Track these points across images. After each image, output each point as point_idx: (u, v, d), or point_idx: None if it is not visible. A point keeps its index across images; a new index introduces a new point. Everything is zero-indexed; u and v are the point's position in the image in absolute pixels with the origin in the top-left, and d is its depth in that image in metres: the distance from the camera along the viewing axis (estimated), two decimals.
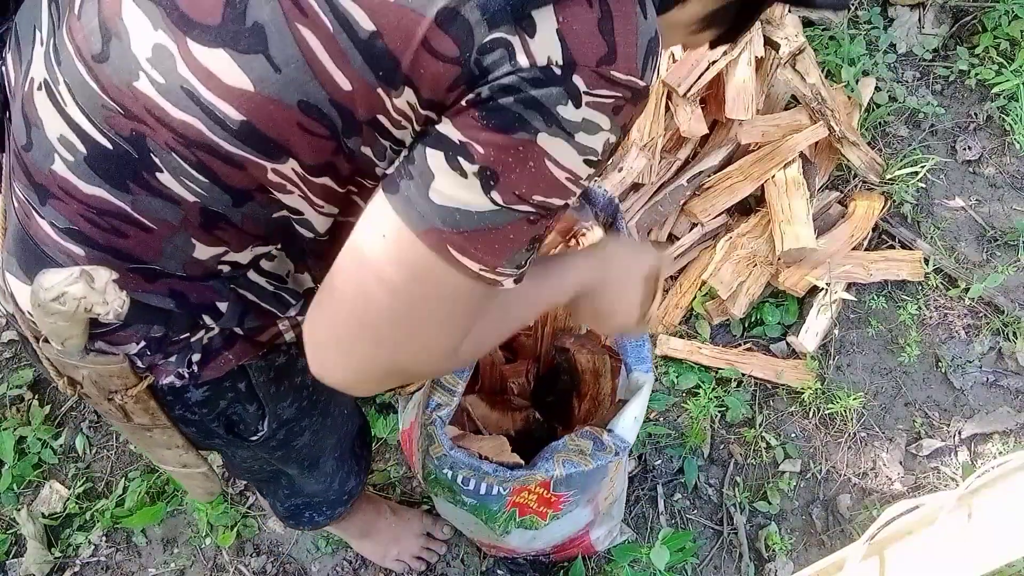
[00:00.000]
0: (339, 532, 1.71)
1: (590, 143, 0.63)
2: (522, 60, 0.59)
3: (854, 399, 1.92)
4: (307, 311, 0.72)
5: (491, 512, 1.37)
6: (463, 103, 0.61)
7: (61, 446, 1.87)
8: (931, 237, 2.15)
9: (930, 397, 1.98)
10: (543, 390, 1.51)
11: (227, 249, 0.76)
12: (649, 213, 1.96)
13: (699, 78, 1.89)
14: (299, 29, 0.62)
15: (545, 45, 0.59)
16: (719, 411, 1.91)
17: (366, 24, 0.61)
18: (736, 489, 1.84)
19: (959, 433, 1.93)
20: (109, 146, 0.70)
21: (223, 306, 0.81)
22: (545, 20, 0.59)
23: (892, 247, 2.13)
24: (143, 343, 0.82)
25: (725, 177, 2.00)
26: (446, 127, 0.62)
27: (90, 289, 0.71)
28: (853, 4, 2.48)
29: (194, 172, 0.69)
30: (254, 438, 0.97)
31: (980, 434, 1.93)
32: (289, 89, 0.64)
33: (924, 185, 2.22)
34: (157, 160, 0.69)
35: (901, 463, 1.89)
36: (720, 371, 1.94)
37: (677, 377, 1.93)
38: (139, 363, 0.83)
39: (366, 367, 0.70)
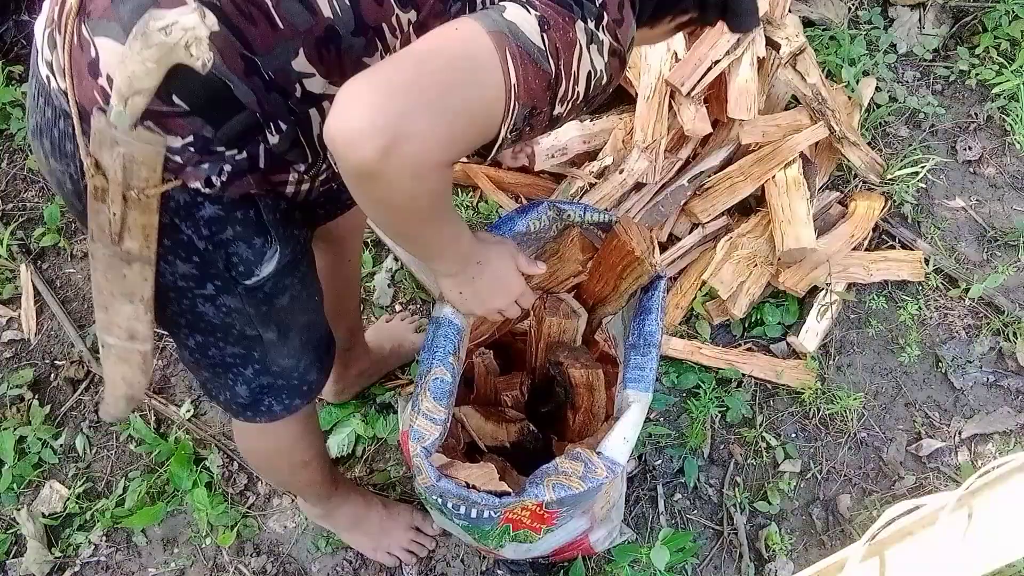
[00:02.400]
0: (329, 525, 1.72)
1: (595, 60, 0.88)
2: None
3: (854, 399, 1.92)
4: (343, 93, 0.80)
5: (484, 531, 1.37)
6: None
7: (61, 446, 1.87)
8: (931, 237, 2.15)
9: (930, 397, 1.98)
10: (537, 402, 1.51)
11: (316, 72, 0.88)
12: (650, 213, 1.96)
13: (702, 78, 1.89)
14: None
15: None
16: (719, 411, 1.91)
17: None
18: (736, 489, 1.84)
19: (959, 433, 1.93)
20: None
21: (284, 125, 0.90)
22: None
23: (892, 247, 2.13)
24: (190, 138, 0.88)
25: (725, 177, 2.00)
26: None
27: (200, 23, 0.78)
28: (853, 4, 2.49)
29: None
30: (249, 281, 1.01)
31: (980, 434, 1.93)
32: None
33: (924, 185, 2.22)
34: None
35: (901, 463, 1.89)
36: (720, 371, 1.94)
37: (677, 377, 1.93)
38: (175, 160, 0.88)
39: (387, 102, 0.77)
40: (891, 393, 1.98)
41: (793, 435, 1.92)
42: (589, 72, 0.88)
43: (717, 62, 1.90)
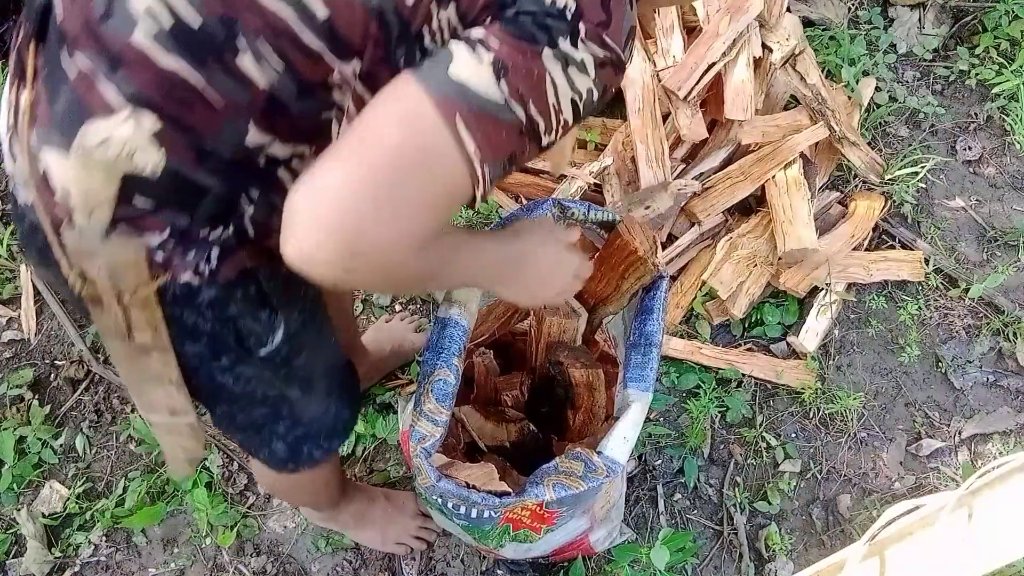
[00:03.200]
0: (336, 526, 1.72)
1: (578, 82, 0.78)
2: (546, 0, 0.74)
3: (854, 399, 1.92)
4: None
5: (484, 531, 1.37)
6: (489, 20, 0.74)
7: (61, 446, 1.87)
8: (931, 237, 2.15)
9: (930, 397, 1.98)
10: (537, 402, 1.51)
11: (274, 139, 0.81)
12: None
13: (699, 81, 1.89)
14: None
15: None
16: (719, 411, 1.91)
17: None
18: (736, 489, 1.84)
19: (959, 433, 1.93)
20: (197, 23, 0.74)
21: (256, 193, 0.86)
22: None
23: (892, 247, 2.13)
24: (167, 233, 0.84)
25: (725, 177, 2.00)
26: (468, 31, 0.75)
27: (136, 130, 0.75)
28: (853, 4, 2.48)
29: (274, 59, 0.75)
30: (263, 351, 0.99)
31: (980, 434, 1.93)
32: None
33: (924, 185, 2.22)
34: (242, 43, 0.74)
35: (901, 463, 1.89)
36: (720, 371, 1.94)
37: (677, 377, 1.93)
38: (158, 257, 0.85)
39: (338, 223, 0.70)
40: (891, 393, 1.98)
41: (793, 435, 1.92)
42: (572, 99, 0.79)
43: (713, 64, 1.90)
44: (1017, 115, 2.30)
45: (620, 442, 1.21)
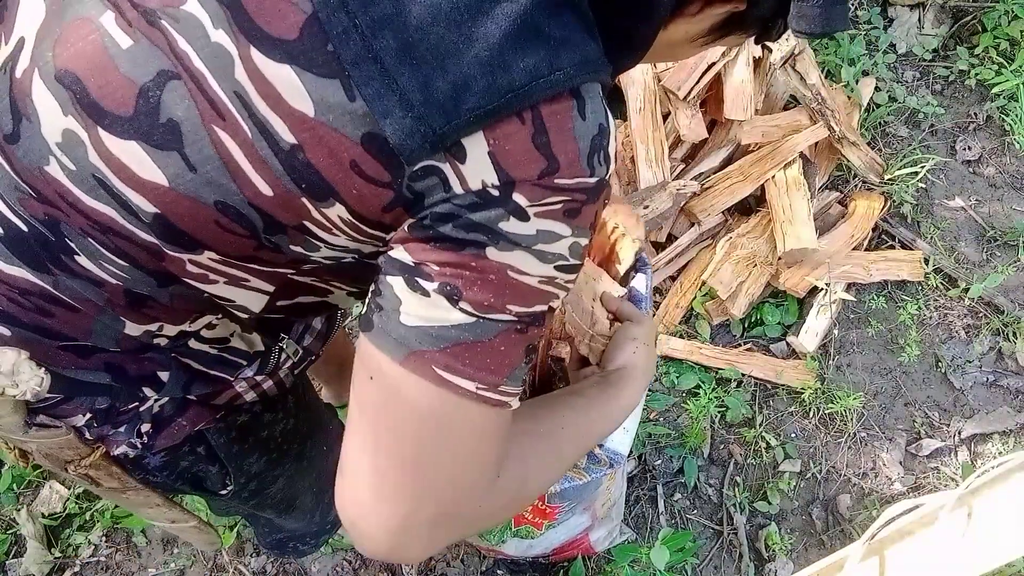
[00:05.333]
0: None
1: (552, 249, 0.60)
2: (456, 187, 0.57)
3: (854, 399, 1.92)
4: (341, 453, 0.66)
5: None
6: (406, 230, 0.60)
7: None
8: (931, 237, 2.15)
9: (930, 397, 1.98)
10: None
11: (161, 324, 0.74)
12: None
13: (699, 81, 1.89)
14: (216, 131, 0.59)
15: (478, 169, 0.56)
16: (719, 411, 1.91)
17: (287, 136, 0.58)
18: (736, 489, 1.84)
19: (959, 433, 1.93)
20: (24, 228, 0.68)
21: (164, 375, 0.79)
22: (475, 145, 0.56)
23: (892, 247, 2.13)
24: (89, 415, 0.80)
25: (725, 177, 2.01)
26: (399, 252, 0.61)
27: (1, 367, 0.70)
28: (853, 4, 2.49)
29: (112, 256, 0.67)
30: (223, 492, 0.96)
31: (980, 434, 1.93)
32: (206, 188, 0.61)
33: (924, 185, 2.22)
34: (73, 244, 0.67)
35: (901, 463, 1.89)
36: (720, 371, 1.94)
37: (677, 377, 1.93)
38: (87, 434, 0.81)
39: (402, 526, 0.64)
40: (891, 393, 1.98)
41: (793, 435, 1.92)
42: (558, 266, 0.62)
43: (713, 64, 1.90)
44: (1017, 115, 2.30)
45: (620, 432, 1.22)
